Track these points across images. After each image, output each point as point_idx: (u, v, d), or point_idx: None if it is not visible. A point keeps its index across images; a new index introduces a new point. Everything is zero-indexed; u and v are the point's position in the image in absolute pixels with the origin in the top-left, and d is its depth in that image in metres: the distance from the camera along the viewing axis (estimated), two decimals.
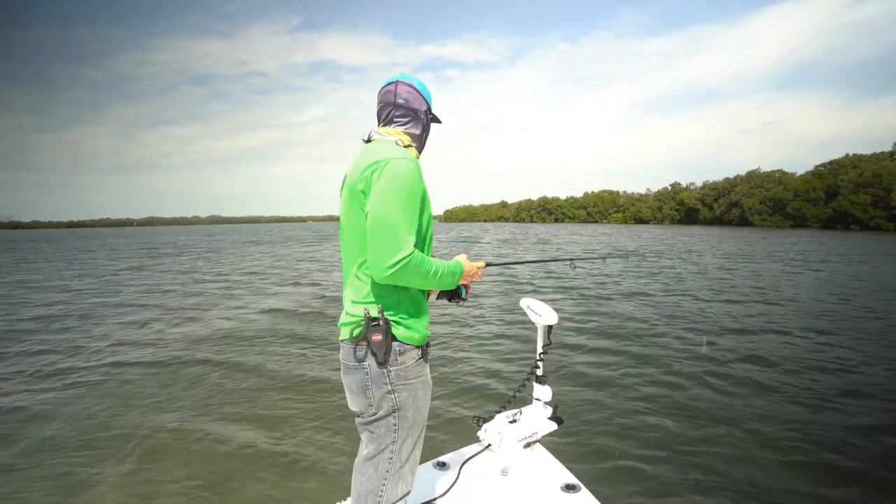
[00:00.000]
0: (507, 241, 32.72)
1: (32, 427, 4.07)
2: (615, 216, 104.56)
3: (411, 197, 1.41)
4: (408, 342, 1.50)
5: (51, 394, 4.85)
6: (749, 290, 10.93)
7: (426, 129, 1.70)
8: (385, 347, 1.47)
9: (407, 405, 1.51)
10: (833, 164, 68.02)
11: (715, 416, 4.13)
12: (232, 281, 13.91)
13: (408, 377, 1.51)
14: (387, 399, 1.49)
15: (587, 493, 1.97)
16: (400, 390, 1.50)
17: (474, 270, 1.72)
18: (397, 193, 1.39)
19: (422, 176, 1.48)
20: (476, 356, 5.87)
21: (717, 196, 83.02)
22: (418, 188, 1.44)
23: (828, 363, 5.48)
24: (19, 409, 4.45)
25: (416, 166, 1.47)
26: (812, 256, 19.64)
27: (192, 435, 3.82)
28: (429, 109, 1.70)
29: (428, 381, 1.59)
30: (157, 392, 4.82)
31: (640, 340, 6.52)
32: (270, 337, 6.94)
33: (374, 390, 1.49)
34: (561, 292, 10.90)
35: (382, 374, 1.48)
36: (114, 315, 8.97)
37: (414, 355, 1.52)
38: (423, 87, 1.69)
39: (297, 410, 4.30)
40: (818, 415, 4.13)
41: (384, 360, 1.47)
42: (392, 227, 1.37)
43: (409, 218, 1.40)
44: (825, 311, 8.52)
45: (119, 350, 6.44)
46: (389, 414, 1.50)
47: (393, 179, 1.40)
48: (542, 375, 2.27)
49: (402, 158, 1.44)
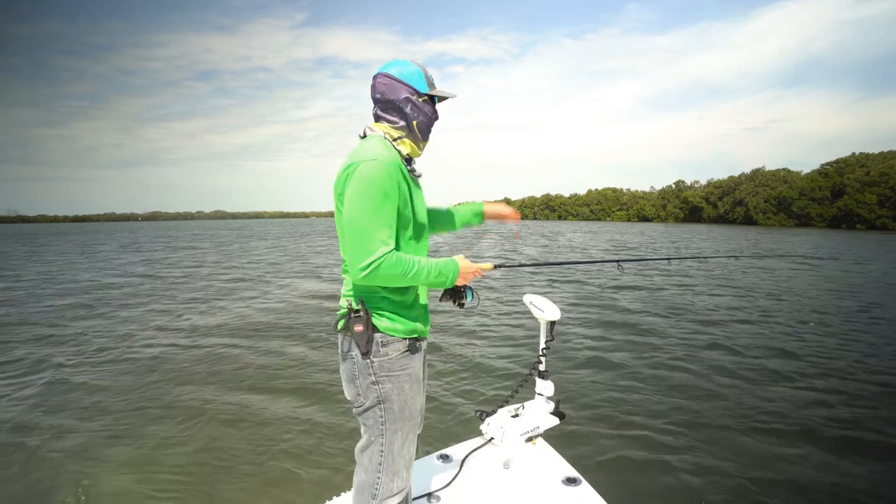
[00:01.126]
0: (509, 238, 32.70)
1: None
2: (618, 214, 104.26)
3: (379, 199, 1.38)
4: (391, 333, 1.52)
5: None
6: (755, 282, 10.93)
7: (417, 116, 1.57)
8: (366, 338, 1.49)
9: (392, 397, 1.52)
10: (839, 162, 67.60)
11: (717, 411, 4.16)
12: (255, 275, 14.01)
13: (392, 369, 1.52)
14: (372, 390, 1.52)
15: (588, 486, 2.00)
16: (384, 381, 1.51)
17: (473, 270, 1.62)
18: (363, 197, 1.38)
19: (394, 174, 1.43)
20: (479, 351, 5.91)
21: (721, 194, 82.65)
22: (387, 188, 1.40)
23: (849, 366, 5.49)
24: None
25: (384, 166, 1.40)
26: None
27: (209, 413, 3.89)
28: (416, 92, 1.56)
29: (416, 375, 1.59)
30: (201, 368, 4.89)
31: (643, 336, 6.54)
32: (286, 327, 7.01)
33: (361, 380, 1.53)
34: (565, 287, 10.93)
35: (367, 364, 1.51)
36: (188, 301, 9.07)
37: (398, 347, 1.53)
38: (403, 73, 1.56)
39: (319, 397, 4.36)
40: (823, 409, 4.14)
41: (366, 350, 1.50)
42: (360, 231, 1.37)
43: (378, 220, 1.38)
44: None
45: (173, 332, 6.52)
46: (376, 405, 1.52)
47: (359, 183, 1.38)
48: (544, 371, 2.29)
49: (371, 160, 1.40)
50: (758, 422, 3.97)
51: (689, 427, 3.88)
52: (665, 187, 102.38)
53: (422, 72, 1.59)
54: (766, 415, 4.10)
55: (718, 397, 4.47)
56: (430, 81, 1.61)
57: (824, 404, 4.31)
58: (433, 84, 1.63)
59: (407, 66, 1.57)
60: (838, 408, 4.23)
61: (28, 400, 4.59)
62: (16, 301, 10.29)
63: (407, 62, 1.59)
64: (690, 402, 4.35)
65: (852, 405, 4.29)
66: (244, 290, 11.13)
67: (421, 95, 1.58)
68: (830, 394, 4.55)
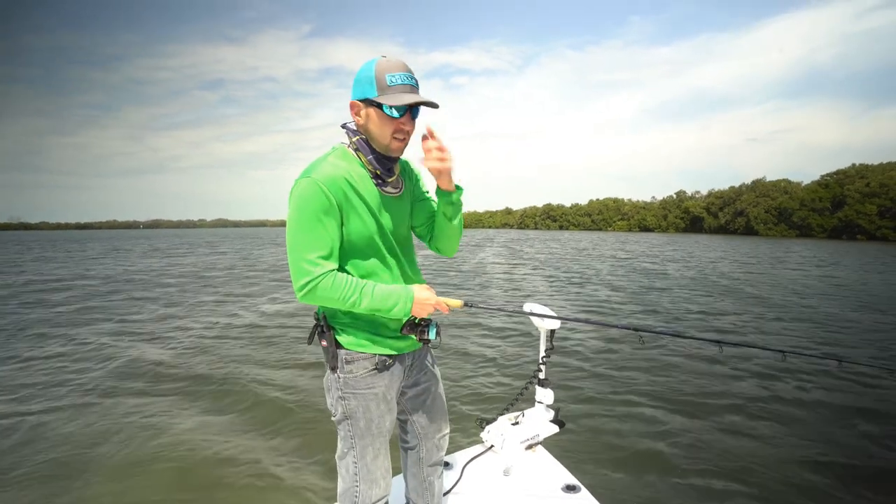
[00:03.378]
0: (513, 251, 32.71)
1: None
2: (619, 224, 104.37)
3: (311, 220, 1.31)
4: (356, 350, 1.47)
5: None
6: (761, 287, 10.92)
7: (366, 125, 1.39)
8: (330, 353, 1.47)
9: (357, 414, 1.49)
10: (839, 173, 67.75)
11: (716, 420, 4.15)
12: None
13: (357, 387, 1.48)
14: (340, 404, 1.50)
15: (587, 494, 2.02)
16: (349, 398, 1.49)
17: (432, 303, 1.45)
18: (292, 218, 1.33)
19: (334, 191, 1.33)
20: (480, 360, 5.92)
21: (722, 205, 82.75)
22: (323, 207, 1.32)
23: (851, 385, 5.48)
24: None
25: (318, 185, 1.31)
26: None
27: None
28: (365, 99, 1.36)
29: (383, 395, 1.51)
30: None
31: (643, 344, 6.54)
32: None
33: (332, 393, 1.52)
34: (564, 295, 10.93)
35: (336, 378, 1.49)
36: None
37: (365, 365, 1.48)
38: (357, 76, 1.38)
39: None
40: (825, 424, 4.15)
41: (332, 365, 1.48)
42: (292, 252, 1.34)
43: (311, 241, 1.32)
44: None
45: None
46: (344, 419, 1.51)
47: (292, 203, 1.34)
48: (544, 379, 2.32)
49: (302, 178, 1.34)
50: (760, 430, 3.97)
51: (688, 435, 3.88)
52: (666, 197, 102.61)
53: (372, 76, 1.34)
54: (768, 423, 4.10)
55: (719, 407, 4.47)
56: (382, 85, 1.33)
57: (843, 420, 4.31)
58: (392, 85, 1.33)
59: (363, 70, 1.36)
60: (868, 427, 4.23)
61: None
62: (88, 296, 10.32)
63: (367, 64, 1.36)
64: (691, 411, 4.35)
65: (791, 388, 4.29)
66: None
67: (367, 101, 1.36)
68: (854, 416, 4.55)
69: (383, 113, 1.36)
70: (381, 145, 1.41)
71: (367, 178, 1.42)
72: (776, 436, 3.91)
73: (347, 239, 1.40)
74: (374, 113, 1.37)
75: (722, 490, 3.14)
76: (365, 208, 1.40)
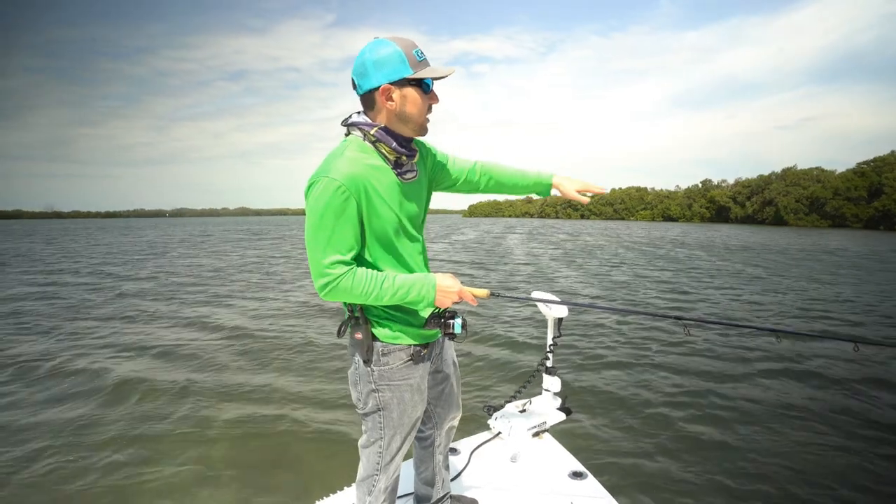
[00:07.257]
0: (537, 239, 32.46)
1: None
2: (642, 213, 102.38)
3: (328, 219, 1.29)
4: (392, 342, 1.45)
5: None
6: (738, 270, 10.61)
7: (401, 108, 1.34)
8: (366, 346, 1.44)
9: (391, 406, 1.49)
10: (878, 161, 64.83)
11: (723, 407, 4.13)
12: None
13: (392, 378, 1.47)
14: (371, 397, 1.48)
15: (593, 480, 2.02)
16: (384, 390, 1.47)
17: (455, 291, 1.41)
18: (311, 219, 1.30)
19: (353, 189, 1.29)
20: (488, 347, 5.95)
21: (749, 194, 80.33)
22: (342, 207, 1.28)
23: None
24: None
25: (336, 184, 1.27)
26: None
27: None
28: (401, 79, 1.30)
29: (417, 385, 1.51)
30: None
31: (651, 333, 6.45)
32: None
33: (362, 386, 1.49)
34: (575, 284, 10.84)
35: (368, 372, 1.47)
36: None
37: (401, 356, 1.46)
38: (378, 60, 1.29)
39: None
40: (833, 412, 4.04)
41: (367, 358, 1.45)
42: (311, 252, 1.32)
43: (327, 240, 1.30)
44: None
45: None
46: (375, 412, 1.50)
47: (308, 204, 1.31)
48: (551, 367, 2.32)
49: (320, 178, 1.29)
50: (764, 417, 3.94)
51: (694, 423, 3.86)
52: (691, 186, 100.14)
53: (402, 54, 1.29)
54: (772, 410, 4.06)
55: (729, 396, 4.40)
56: (413, 62, 1.30)
57: (851, 410, 4.19)
58: (421, 60, 1.32)
59: (373, 48, 1.30)
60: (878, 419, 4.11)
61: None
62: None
63: (379, 46, 1.30)
64: (697, 398, 4.33)
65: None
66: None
67: (391, 83, 1.30)
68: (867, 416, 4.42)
69: (421, 90, 1.33)
70: (416, 125, 1.38)
71: (386, 170, 1.38)
72: (787, 431, 3.81)
73: (368, 232, 1.37)
74: (412, 92, 1.33)
75: (727, 482, 3.10)
76: (386, 201, 1.36)
